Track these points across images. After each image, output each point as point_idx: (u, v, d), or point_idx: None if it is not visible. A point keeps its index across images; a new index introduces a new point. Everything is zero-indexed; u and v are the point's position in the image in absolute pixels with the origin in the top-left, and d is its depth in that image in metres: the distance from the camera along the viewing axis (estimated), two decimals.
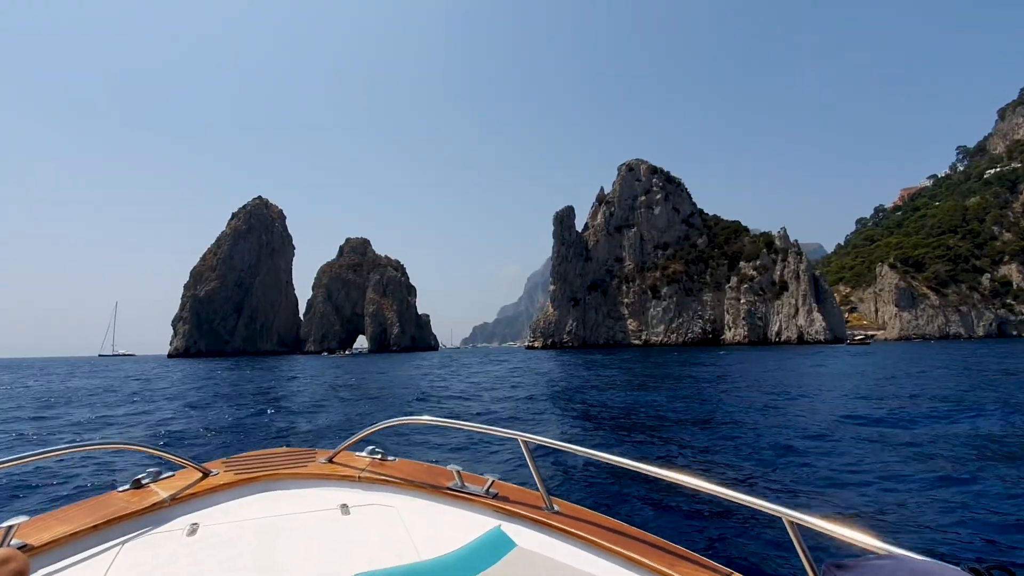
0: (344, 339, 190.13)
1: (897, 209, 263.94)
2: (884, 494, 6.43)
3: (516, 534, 2.15)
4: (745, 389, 20.60)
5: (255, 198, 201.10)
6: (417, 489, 2.62)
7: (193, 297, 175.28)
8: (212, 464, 2.86)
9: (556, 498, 2.36)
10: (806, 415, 13.11)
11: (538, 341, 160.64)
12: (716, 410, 14.49)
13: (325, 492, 2.67)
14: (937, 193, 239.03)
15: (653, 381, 25.39)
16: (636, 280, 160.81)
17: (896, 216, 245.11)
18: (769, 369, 33.30)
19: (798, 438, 9.99)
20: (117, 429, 13.76)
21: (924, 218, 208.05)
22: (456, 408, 16.88)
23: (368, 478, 2.74)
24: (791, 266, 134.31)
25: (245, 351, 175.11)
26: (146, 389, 27.60)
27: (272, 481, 2.74)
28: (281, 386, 28.72)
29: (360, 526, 2.34)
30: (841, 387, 20.63)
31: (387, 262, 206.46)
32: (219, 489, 2.56)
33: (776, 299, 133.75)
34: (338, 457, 3.00)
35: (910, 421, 11.78)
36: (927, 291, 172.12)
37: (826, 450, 8.97)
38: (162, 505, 2.32)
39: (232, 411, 16.61)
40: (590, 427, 12.47)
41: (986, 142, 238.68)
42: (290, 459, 3.02)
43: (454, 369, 43.66)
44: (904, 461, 8.02)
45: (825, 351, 70.11)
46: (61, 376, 47.14)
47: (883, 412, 13.17)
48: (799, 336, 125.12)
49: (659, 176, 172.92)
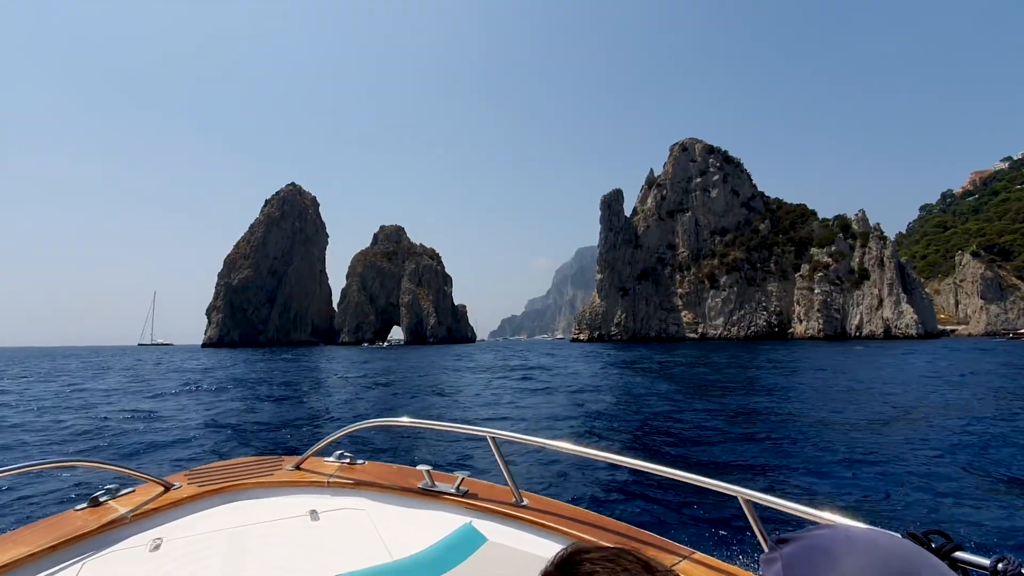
0: (379, 330, 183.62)
1: (968, 194, 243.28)
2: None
3: (487, 529, 2.17)
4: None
5: (288, 185, 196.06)
6: (387, 491, 2.58)
7: (227, 286, 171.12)
8: (174, 477, 2.74)
9: (526, 492, 2.38)
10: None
11: (584, 333, 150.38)
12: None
13: (293, 499, 2.60)
14: (1017, 176, 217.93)
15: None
16: (691, 268, 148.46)
17: (970, 201, 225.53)
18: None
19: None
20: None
21: (1007, 202, 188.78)
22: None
23: (337, 483, 2.68)
24: (873, 252, 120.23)
25: (279, 341, 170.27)
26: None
27: (238, 491, 2.64)
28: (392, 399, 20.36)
29: (330, 531, 2.31)
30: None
31: (422, 251, 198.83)
32: (182, 502, 2.45)
33: (856, 289, 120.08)
34: (306, 463, 2.91)
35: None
36: (1017, 281, 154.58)
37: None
38: (122, 521, 2.21)
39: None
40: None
41: None
42: (256, 468, 2.89)
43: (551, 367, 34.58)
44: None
45: (963, 347, 57.94)
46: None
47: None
48: (885, 330, 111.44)
49: (716, 156, 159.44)
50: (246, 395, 20.48)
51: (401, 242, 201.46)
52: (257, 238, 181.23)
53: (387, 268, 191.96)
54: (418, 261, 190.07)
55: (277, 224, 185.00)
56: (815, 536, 0.51)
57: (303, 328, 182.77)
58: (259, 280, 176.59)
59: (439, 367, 37.58)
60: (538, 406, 16.09)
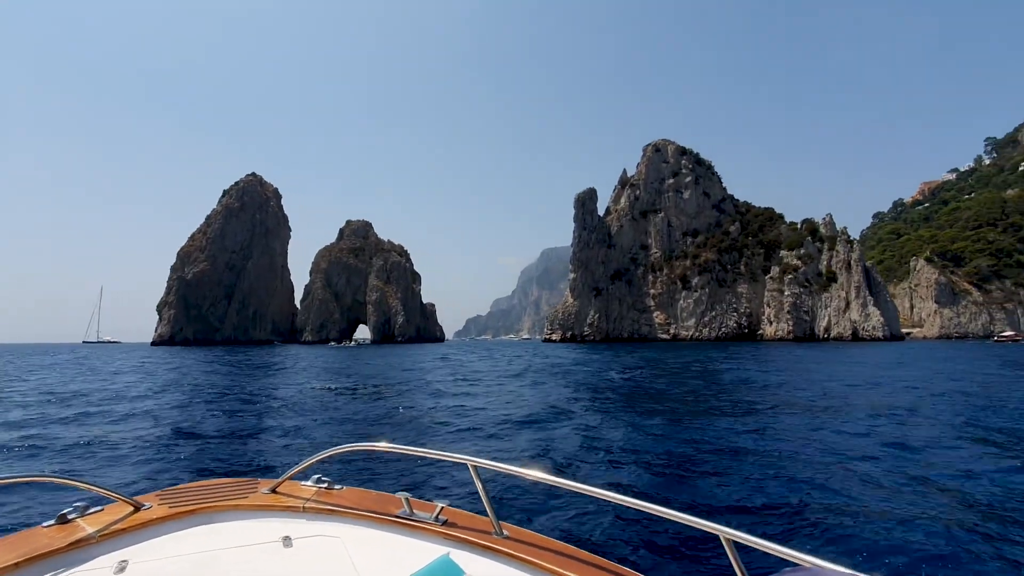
0: (344, 328, 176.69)
1: (918, 203, 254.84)
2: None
3: (464, 561, 2.09)
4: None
5: (248, 175, 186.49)
6: (364, 518, 2.48)
7: (180, 280, 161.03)
8: (145, 497, 2.62)
9: (506, 523, 2.31)
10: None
11: (556, 333, 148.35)
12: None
13: (267, 524, 2.50)
14: (965, 186, 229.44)
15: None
16: (664, 269, 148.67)
17: (921, 210, 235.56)
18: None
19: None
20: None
21: (957, 211, 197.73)
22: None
23: (313, 508, 2.58)
24: (840, 255, 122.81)
25: (236, 340, 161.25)
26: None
27: (210, 514, 2.53)
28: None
29: (303, 559, 2.23)
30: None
31: (391, 247, 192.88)
32: (151, 523, 2.35)
33: (824, 291, 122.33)
34: (282, 487, 2.80)
35: None
36: (969, 287, 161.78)
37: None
38: (89, 541, 2.13)
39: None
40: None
41: (1018, 133, 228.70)
42: (230, 490, 2.79)
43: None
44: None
45: (939, 348, 58.33)
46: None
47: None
48: (853, 332, 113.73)
49: (688, 158, 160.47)
50: (194, 400, 17.08)
51: (368, 238, 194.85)
52: (214, 230, 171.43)
53: (354, 264, 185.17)
54: (386, 258, 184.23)
55: (236, 215, 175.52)
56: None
57: (263, 326, 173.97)
58: (216, 274, 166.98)
59: (440, 374, 33.90)
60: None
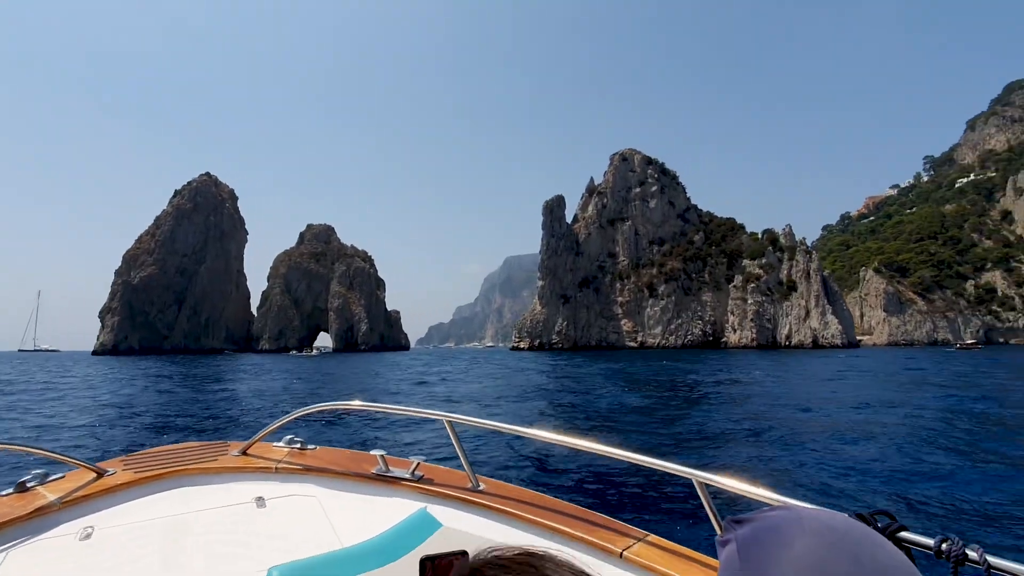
0: (304, 336, 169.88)
1: (863, 216, 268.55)
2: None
3: (442, 514, 2.12)
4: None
5: (202, 174, 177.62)
6: (339, 477, 2.47)
7: (126, 285, 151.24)
8: (108, 463, 2.55)
9: (482, 476, 2.34)
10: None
11: (524, 341, 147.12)
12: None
13: (238, 486, 2.46)
14: (906, 201, 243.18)
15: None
16: (631, 277, 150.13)
17: (867, 223, 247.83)
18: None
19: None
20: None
21: (901, 224, 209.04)
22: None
23: (286, 468, 2.55)
24: (800, 265, 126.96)
25: (187, 348, 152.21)
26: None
27: (178, 477, 2.48)
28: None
29: (277, 519, 2.22)
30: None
31: (354, 252, 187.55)
32: (117, 489, 2.29)
33: (785, 300, 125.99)
34: (253, 449, 2.77)
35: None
36: (914, 296, 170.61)
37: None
38: (50, 509, 2.06)
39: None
40: None
41: (953, 152, 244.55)
42: (198, 453, 2.74)
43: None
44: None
45: (900, 357, 60.15)
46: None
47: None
48: (813, 340, 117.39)
49: (654, 167, 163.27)
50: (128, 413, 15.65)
51: (331, 243, 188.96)
52: (164, 232, 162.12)
53: (314, 270, 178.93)
54: (349, 263, 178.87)
55: (188, 217, 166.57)
56: (768, 517, 0.52)
57: (216, 334, 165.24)
58: (165, 279, 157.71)
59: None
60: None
